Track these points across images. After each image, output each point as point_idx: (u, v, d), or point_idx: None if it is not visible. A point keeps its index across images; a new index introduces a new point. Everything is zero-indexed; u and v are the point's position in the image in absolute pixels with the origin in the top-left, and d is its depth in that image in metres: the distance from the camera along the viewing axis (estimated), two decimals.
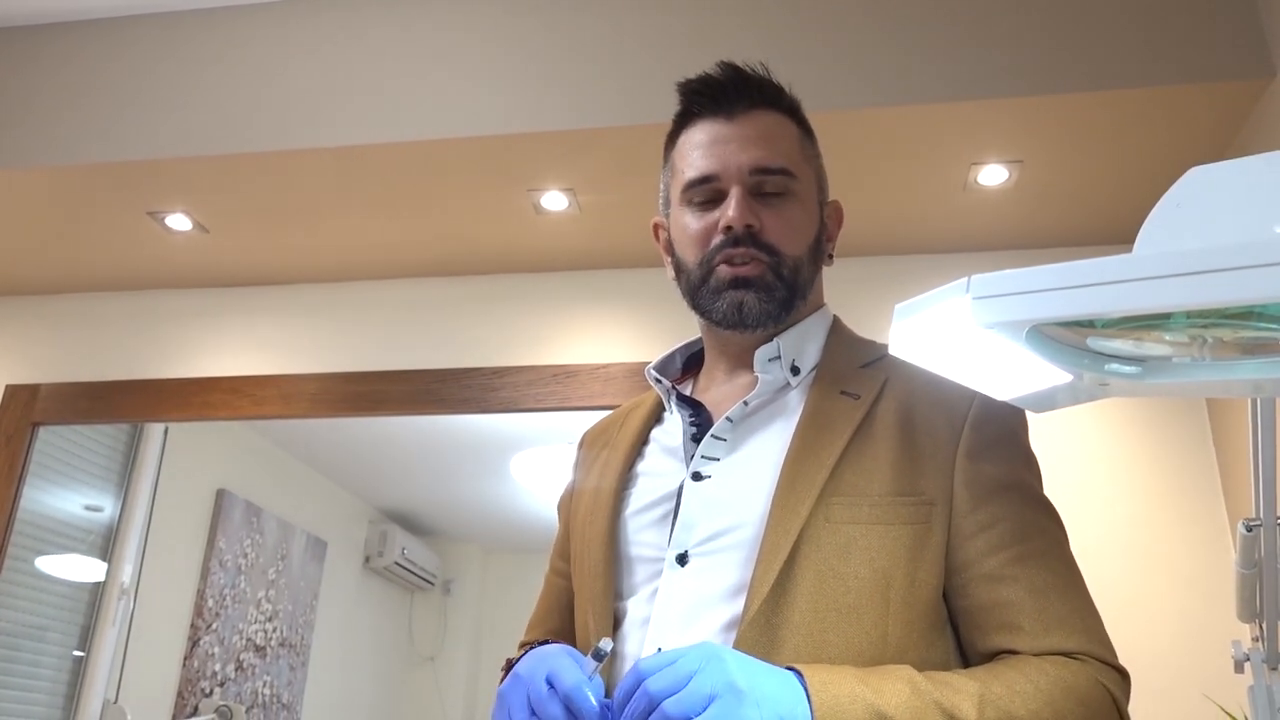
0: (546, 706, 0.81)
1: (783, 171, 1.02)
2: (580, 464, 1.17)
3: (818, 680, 0.78)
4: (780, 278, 1.01)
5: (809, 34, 2.18)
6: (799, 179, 1.04)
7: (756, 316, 1.01)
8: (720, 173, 1.02)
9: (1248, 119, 2.07)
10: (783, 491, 0.91)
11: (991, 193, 2.33)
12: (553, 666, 0.83)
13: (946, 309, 0.66)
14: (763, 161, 1.02)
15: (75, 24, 2.53)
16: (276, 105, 2.33)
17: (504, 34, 2.31)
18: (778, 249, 1.01)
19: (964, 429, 0.94)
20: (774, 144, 1.03)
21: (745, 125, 1.04)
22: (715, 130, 1.04)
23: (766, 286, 1.01)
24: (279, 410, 2.65)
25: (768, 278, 1.01)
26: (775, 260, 1.01)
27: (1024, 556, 0.90)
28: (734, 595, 0.90)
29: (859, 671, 0.81)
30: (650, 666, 0.78)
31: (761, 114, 1.05)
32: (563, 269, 2.70)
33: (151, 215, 2.53)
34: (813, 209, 1.06)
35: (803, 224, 1.04)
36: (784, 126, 1.06)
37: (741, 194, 1.01)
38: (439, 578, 3.97)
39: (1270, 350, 0.66)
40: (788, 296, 1.02)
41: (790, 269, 1.02)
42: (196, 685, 3.02)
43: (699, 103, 1.07)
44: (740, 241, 1.00)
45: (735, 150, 1.02)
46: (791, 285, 1.02)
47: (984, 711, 0.79)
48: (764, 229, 1.01)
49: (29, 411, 2.74)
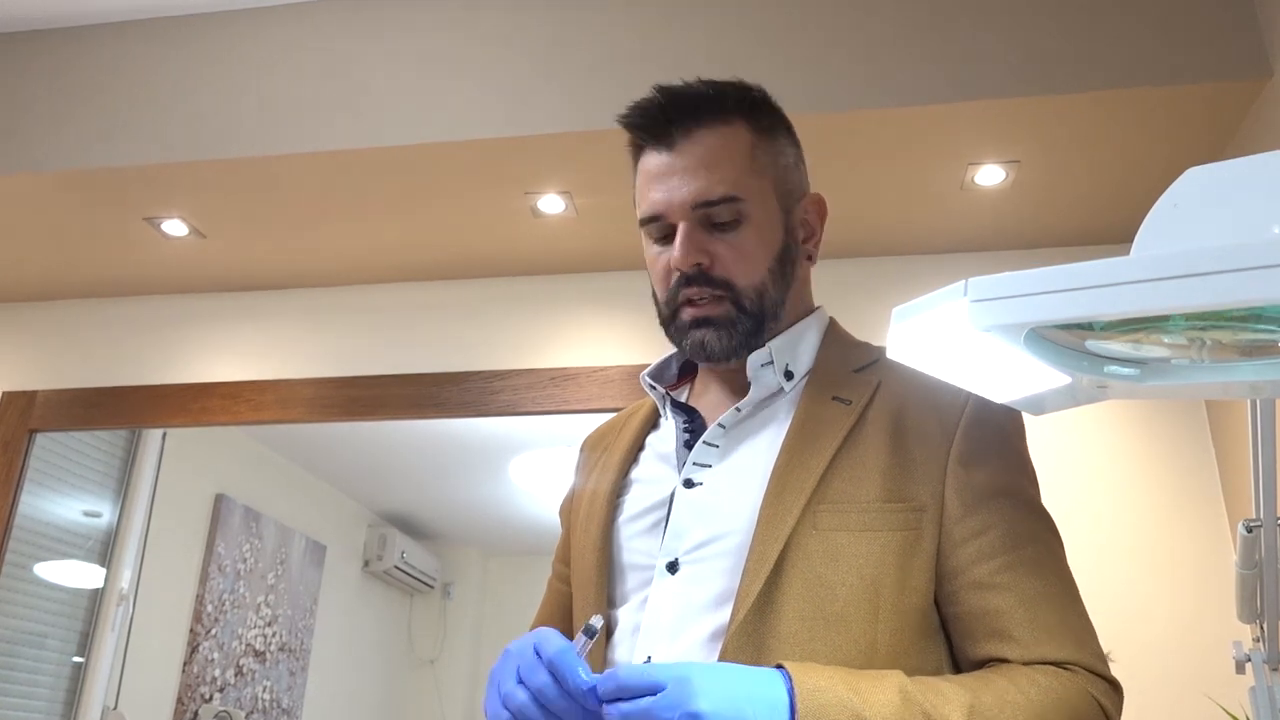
0: (533, 674, 0.81)
1: (726, 200, 0.98)
2: (581, 468, 1.17)
3: (807, 687, 0.78)
4: (743, 309, 1.00)
5: (805, 35, 2.18)
6: (748, 200, 1.00)
7: (721, 353, 1.00)
8: (665, 211, 1.00)
9: (1245, 119, 2.07)
10: (770, 499, 0.91)
11: (989, 193, 2.33)
12: (541, 637, 0.83)
13: (944, 312, 0.66)
14: (703, 195, 0.98)
15: (70, 30, 2.52)
16: (273, 110, 2.33)
17: (501, 37, 2.31)
18: (733, 282, 0.99)
19: (956, 434, 0.93)
20: (715, 170, 0.99)
21: (685, 154, 1.00)
22: (660, 161, 1.01)
23: (728, 323, 0.99)
24: (277, 415, 2.64)
25: (729, 314, 0.99)
26: (733, 294, 0.99)
27: (1015, 564, 0.89)
28: (721, 604, 0.89)
29: (850, 676, 0.80)
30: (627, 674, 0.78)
31: (703, 133, 1.00)
32: (560, 272, 2.70)
33: (148, 221, 2.53)
34: (771, 225, 1.02)
35: (757, 248, 1.00)
36: (730, 140, 1.01)
37: (688, 231, 0.98)
38: (438, 581, 3.97)
39: (1269, 352, 0.66)
40: (753, 326, 1.00)
41: (751, 299, 1.00)
42: (196, 691, 3.02)
43: (639, 135, 1.04)
44: (693, 281, 0.99)
45: (678, 184, 0.99)
46: (756, 314, 1.00)
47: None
48: (715, 263, 0.99)
49: (26, 418, 2.74)
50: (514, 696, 0.81)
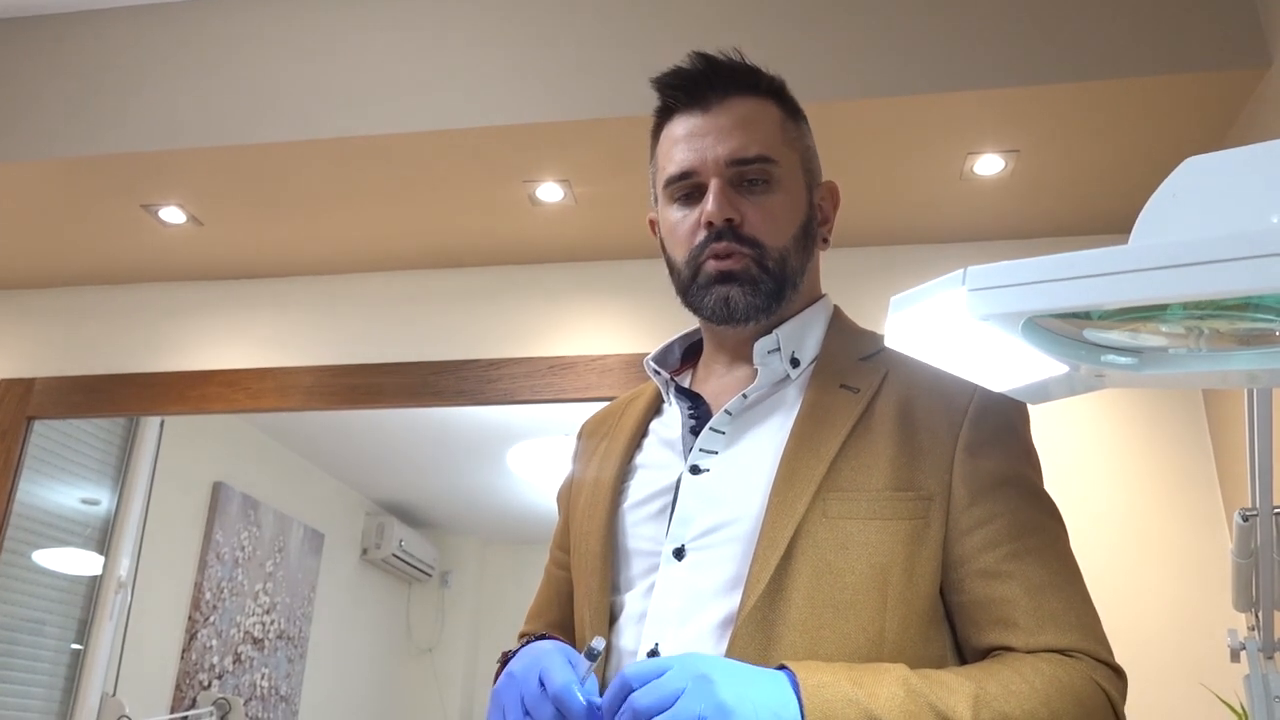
0: (539, 708, 0.81)
1: (761, 159, 1.01)
2: (579, 455, 1.17)
3: (811, 684, 0.78)
4: (766, 270, 1.00)
5: (804, 25, 2.17)
6: (780, 164, 1.02)
7: (744, 310, 1.00)
8: (698, 167, 1.01)
9: (1244, 109, 2.07)
10: (780, 486, 0.91)
11: (988, 182, 2.33)
12: (545, 666, 0.83)
13: (942, 301, 0.66)
14: (739, 152, 1.00)
15: (66, 16, 2.51)
16: (270, 97, 2.32)
17: (499, 24, 2.30)
18: (761, 241, 1.00)
19: (963, 424, 0.93)
20: (751, 131, 1.01)
21: (721, 115, 1.02)
22: (692, 123, 1.03)
23: (752, 280, 1.00)
24: (275, 403, 2.64)
25: (753, 271, 1.00)
26: (759, 253, 1.00)
27: (1020, 553, 0.89)
28: (730, 590, 0.89)
29: (853, 671, 0.80)
30: (636, 677, 0.77)
31: (738, 101, 1.03)
32: (559, 260, 2.70)
33: (145, 208, 2.52)
34: (798, 194, 1.04)
35: (786, 212, 1.02)
36: (763, 110, 1.04)
37: (720, 187, 1.00)
38: (437, 569, 3.97)
39: (1266, 341, 0.66)
40: (775, 288, 1.01)
41: (776, 260, 1.01)
42: (194, 678, 3.02)
43: (674, 96, 1.05)
44: (722, 236, 1.00)
45: (712, 143, 1.01)
46: (779, 276, 1.01)
47: (979, 713, 0.78)
48: (745, 221, 1.00)
49: (24, 406, 2.74)
50: None
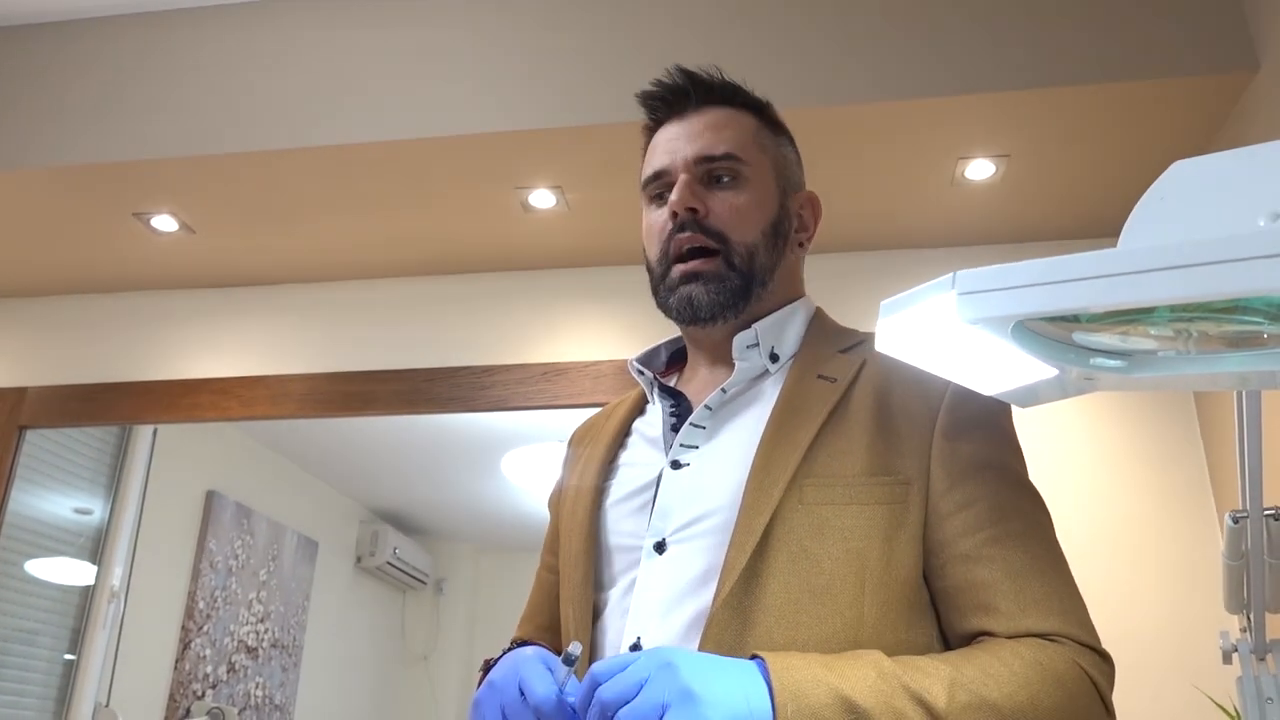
0: (520, 717, 0.82)
1: (728, 157, 1.03)
2: (569, 461, 1.18)
3: (779, 665, 0.77)
4: (732, 266, 1.02)
5: (795, 30, 2.18)
6: (749, 164, 1.04)
7: (708, 309, 1.02)
8: (669, 166, 1.05)
9: (1232, 112, 2.08)
10: (756, 475, 0.91)
11: (978, 187, 2.34)
12: (524, 674, 0.83)
13: (932, 305, 0.66)
14: (707, 150, 1.04)
15: (57, 24, 2.51)
16: (262, 105, 2.32)
17: (492, 32, 2.30)
18: (725, 235, 1.02)
19: (941, 409, 0.94)
20: (720, 132, 1.05)
21: (694, 120, 1.06)
22: (670, 131, 1.08)
23: (717, 278, 1.01)
24: (267, 411, 2.64)
25: (719, 269, 1.02)
26: (725, 249, 1.02)
27: (1001, 537, 0.89)
28: (707, 580, 0.90)
29: (825, 657, 0.80)
30: (604, 672, 0.77)
31: (713, 110, 1.07)
32: (551, 267, 2.70)
33: (137, 216, 2.52)
34: (767, 194, 1.06)
35: (753, 209, 1.04)
36: (736, 118, 1.07)
37: (687, 181, 1.03)
38: (431, 577, 3.97)
39: (1255, 343, 0.66)
40: (742, 285, 1.02)
41: (742, 256, 1.02)
42: (188, 688, 3.01)
43: (655, 108, 1.10)
44: (686, 226, 1.02)
45: (683, 144, 1.05)
46: (746, 273, 1.02)
47: (954, 695, 0.78)
48: (710, 213, 1.02)
49: (16, 415, 2.73)
50: None
